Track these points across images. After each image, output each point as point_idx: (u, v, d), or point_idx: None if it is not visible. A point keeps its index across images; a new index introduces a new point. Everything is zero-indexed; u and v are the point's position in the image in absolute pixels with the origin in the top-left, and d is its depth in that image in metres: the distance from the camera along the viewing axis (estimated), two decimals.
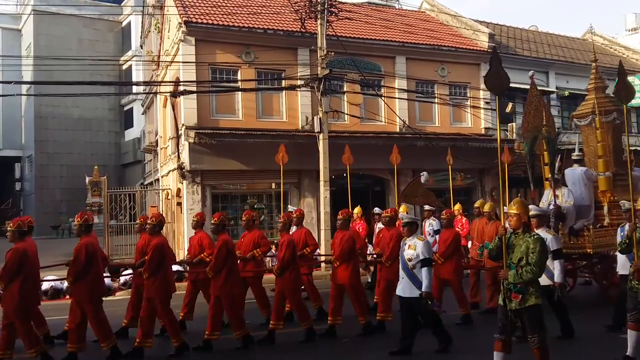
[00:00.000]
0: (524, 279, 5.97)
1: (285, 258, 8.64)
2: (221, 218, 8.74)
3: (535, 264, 5.97)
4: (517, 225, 6.22)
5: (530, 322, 6.06)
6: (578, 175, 11.35)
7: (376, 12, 24.63)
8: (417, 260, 7.57)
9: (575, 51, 28.09)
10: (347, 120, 19.75)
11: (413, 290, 7.56)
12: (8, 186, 44.08)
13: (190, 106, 18.26)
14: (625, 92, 7.37)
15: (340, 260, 9.07)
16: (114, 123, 43.43)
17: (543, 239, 6.18)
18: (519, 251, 6.10)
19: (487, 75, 6.55)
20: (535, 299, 6.03)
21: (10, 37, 43.92)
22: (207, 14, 19.24)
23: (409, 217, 8.07)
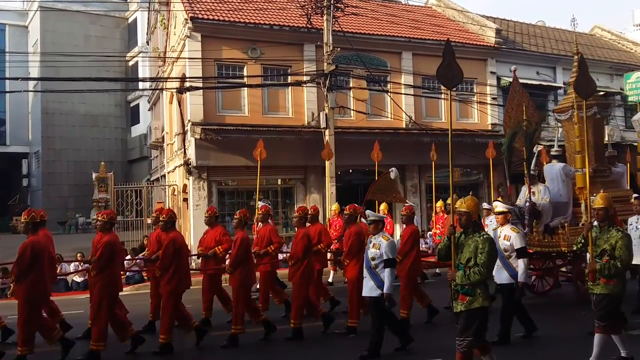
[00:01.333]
0: (471, 280, 5.75)
1: (237, 256, 8.49)
2: (170, 215, 8.50)
3: (483, 265, 5.74)
4: (467, 224, 5.99)
5: (468, 324, 5.78)
6: (556, 172, 11.09)
7: (382, 7, 24.55)
8: (381, 259, 7.31)
9: (583, 46, 27.91)
10: (353, 116, 19.71)
11: (374, 290, 7.31)
12: (15, 182, 44.27)
13: (197, 102, 18.27)
14: (586, 87, 7.13)
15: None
16: (120, 119, 43.55)
17: (492, 239, 5.97)
18: (467, 251, 5.87)
19: (439, 68, 6.29)
20: (482, 300, 5.80)
21: (17, 34, 44.07)
22: (213, 10, 19.22)
23: (375, 215, 7.76)
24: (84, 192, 38.26)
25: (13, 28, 44.21)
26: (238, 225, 8.90)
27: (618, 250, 6.44)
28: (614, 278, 6.49)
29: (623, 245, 6.43)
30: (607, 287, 6.50)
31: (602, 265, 6.47)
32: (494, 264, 5.99)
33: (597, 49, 28.36)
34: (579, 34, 30.65)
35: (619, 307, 6.61)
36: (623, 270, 6.51)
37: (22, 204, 41.48)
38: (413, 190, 21.18)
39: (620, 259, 6.43)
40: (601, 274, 6.49)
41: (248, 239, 8.77)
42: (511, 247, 7.91)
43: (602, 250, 6.57)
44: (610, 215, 6.73)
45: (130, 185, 22.49)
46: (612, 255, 6.45)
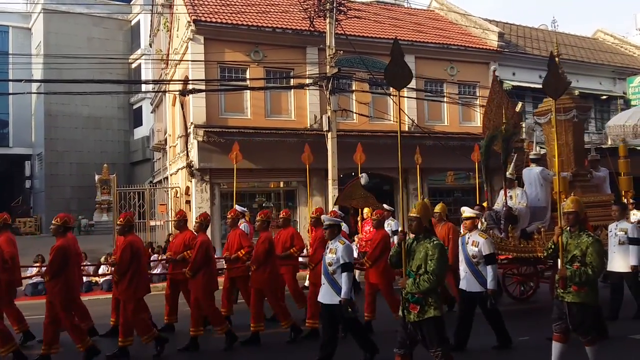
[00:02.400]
0: (421, 288, 5.54)
1: (197, 260, 8.34)
2: (127, 219, 8.24)
3: (433, 272, 5.53)
4: (417, 229, 5.80)
5: (430, 336, 5.62)
6: (534, 175, 10.84)
7: (385, 10, 24.58)
8: (337, 264, 7.00)
9: (585, 50, 27.93)
10: (356, 119, 19.73)
11: (333, 297, 6.98)
12: (18, 184, 44.31)
13: (199, 105, 18.30)
14: (555, 86, 6.84)
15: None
16: (123, 121, 43.59)
17: (443, 245, 5.77)
18: (418, 258, 5.67)
19: (387, 68, 6.10)
20: (434, 310, 5.59)
21: (20, 36, 44.13)
22: (216, 13, 19.26)
23: (330, 219, 7.45)
24: (87, 194, 38.33)
25: (16, 30, 44.28)
26: (199, 228, 8.76)
27: (589, 257, 6.17)
28: (586, 286, 6.20)
29: (594, 251, 6.16)
30: (578, 295, 6.22)
31: (573, 271, 6.19)
32: (444, 271, 5.75)
33: (600, 53, 28.34)
34: (582, 37, 30.67)
35: (598, 316, 6.42)
36: (594, 277, 6.22)
37: (25, 206, 41.55)
38: (415, 193, 21.16)
39: (592, 265, 6.15)
40: (572, 281, 6.21)
41: (209, 242, 8.64)
42: (480, 254, 7.68)
43: (572, 256, 6.31)
44: (581, 219, 6.51)
45: (133, 188, 22.51)
46: (583, 261, 6.19)
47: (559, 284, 6.37)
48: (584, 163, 11.38)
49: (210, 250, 8.63)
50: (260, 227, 9.06)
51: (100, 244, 22.68)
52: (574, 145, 11.21)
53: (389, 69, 6.09)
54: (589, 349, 6.35)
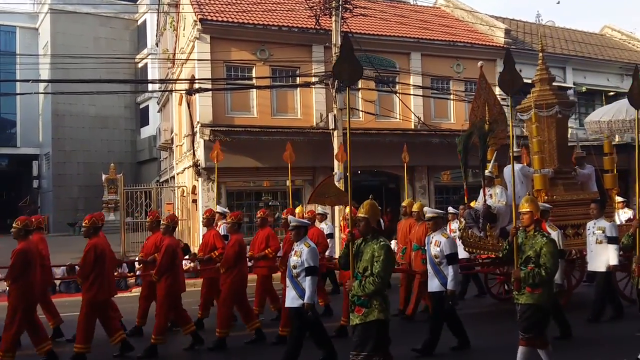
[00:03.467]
0: (366, 290, 5.41)
1: (162, 263, 8.18)
2: (92, 220, 8.08)
3: (378, 275, 5.39)
4: (365, 230, 5.67)
5: (363, 339, 5.45)
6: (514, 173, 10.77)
7: (391, 8, 24.51)
8: (302, 268, 6.81)
9: (593, 46, 27.77)
10: (362, 117, 19.70)
11: (296, 300, 6.83)
12: (26, 184, 44.51)
13: (206, 104, 18.32)
14: (511, 81, 6.68)
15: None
16: (130, 121, 43.67)
17: (390, 246, 5.63)
18: (364, 259, 5.53)
19: (336, 63, 5.98)
20: (378, 313, 5.44)
21: (27, 36, 44.29)
22: (222, 12, 19.28)
23: (297, 221, 7.34)
24: (94, 193, 38.38)
25: (23, 30, 44.44)
26: (166, 231, 8.57)
27: (543, 258, 6.06)
28: (539, 287, 6.10)
29: (548, 252, 6.05)
30: (532, 296, 6.12)
31: (527, 273, 6.08)
32: (389, 273, 5.62)
33: (607, 49, 28.17)
34: (589, 33, 30.50)
35: (546, 318, 6.27)
36: (548, 278, 6.11)
37: (32, 206, 41.69)
38: (422, 191, 21.13)
39: (545, 266, 6.04)
40: (525, 283, 6.11)
41: (174, 245, 8.46)
42: (442, 254, 7.59)
43: (526, 257, 6.20)
44: (536, 220, 6.39)
45: (140, 187, 22.56)
46: (537, 262, 6.08)
47: (513, 285, 6.31)
48: (567, 160, 11.18)
49: (177, 253, 8.45)
50: (230, 230, 8.86)
51: None
52: (557, 142, 11.05)
53: (338, 64, 5.99)
54: (542, 352, 6.22)
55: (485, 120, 10.80)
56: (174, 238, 8.59)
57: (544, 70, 11.61)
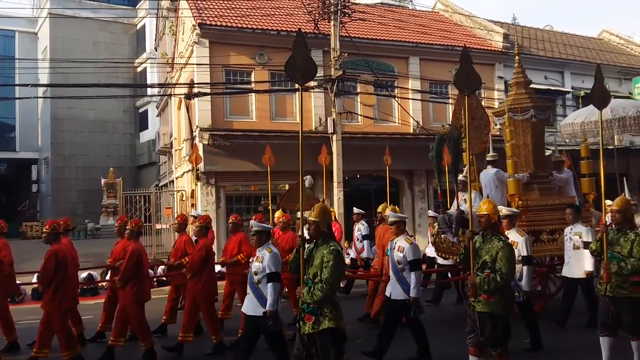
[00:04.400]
0: (315, 298, 5.17)
1: (127, 269, 7.90)
2: (53, 226, 7.83)
3: (326, 281, 5.15)
4: (315, 234, 5.45)
5: (324, 348, 5.23)
6: (489, 177, 10.36)
7: (389, 12, 24.58)
8: (264, 274, 6.46)
9: (591, 51, 27.86)
10: (361, 121, 19.73)
11: (257, 308, 6.45)
12: (25, 188, 44.52)
13: (205, 108, 18.35)
14: (468, 81, 6.46)
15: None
16: (129, 125, 43.75)
17: (340, 250, 5.38)
18: (315, 265, 5.29)
19: (288, 61, 5.75)
20: (329, 321, 5.19)
21: (27, 41, 44.40)
22: (221, 16, 19.32)
23: (258, 225, 7.04)
24: (93, 197, 38.44)
25: (23, 35, 44.55)
26: (131, 236, 8.28)
27: (498, 263, 5.80)
28: (495, 294, 5.84)
29: (503, 257, 5.80)
30: (487, 304, 5.87)
31: (482, 279, 5.83)
32: (338, 279, 5.34)
33: (606, 53, 28.26)
34: (587, 38, 30.59)
35: (505, 328, 5.98)
36: (503, 284, 5.84)
37: (31, 210, 41.70)
38: (421, 195, 21.15)
39: (500, 272, 5.78)
40: (480, 289, 5.84)
41: (140, 251, 8.15)
42: (404, 260, 7.22)
43: (483, 262, 5.95)
44: (493, 223, 6.17)
45: (139, 191, 22.55)
46: (494, 267, 5.84)
47: (470, 292, 6.03)
48: (544, 164, 10.97)
49: (143, 259, 8.16)
50: (198, 234, 8.59)
51: (106, 248, 22.49)
52: (532, 146, 10.82)
53: (290, 62, 5.71)
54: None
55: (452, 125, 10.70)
56: (140, 243, 8.29)
57: (520, 73, 11.37)
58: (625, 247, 6.32)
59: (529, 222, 9.88)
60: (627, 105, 11.85)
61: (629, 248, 6.29)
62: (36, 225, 38.26)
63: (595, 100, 7.11)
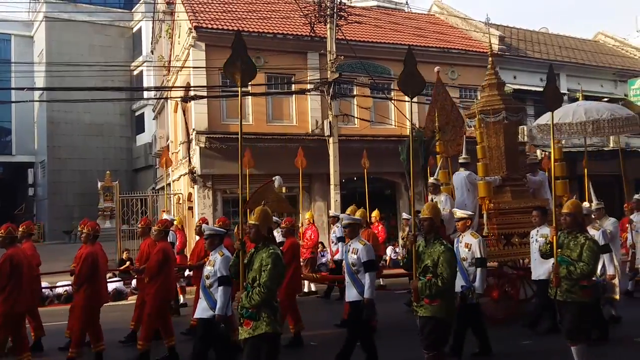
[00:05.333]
0: (252, 302, 5.08)
1: (81, 272, 7.81)
2: (8, 230, 7.71)
3: (264, 285, 5.07)
4: (256, 237, 5.38)
5: (251, 355, 5.14)
6: (461, 180, 10.28)
7: (385, 15, 24.65)
8: (215, 277, 6.46)
9: (587, 53, 27.95)
10: (357, 123, 19.75)
11: (207, 311, 6.47)
12: (21, 192, 44.44)
13: (201, 111, 18.35)
14: (412, 84, 6.39)
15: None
16: (125, 128, 43.68)
17: (279, 254, 5.30)
18: (254, 269, 5.22)
19: (227, 63, 5.78)
20: (266, 326, 5.10)
21: (22, 44, 44.31)
22: (217, 19, 19.34)
23: (211, 229, 7.03)
24: (90, 201, 38.30)
25: (18, 38, 44.47)
26: (86, 239, 8.16)
27: (440, 267, 5.79)
28: (437, 298, 5.80)
29: (445, 261, 5.78)
30: (429, 308, 5.83)
31: (423, 283, 5.80)
32: (277, 284, 5.26)
33: (601, 55, 28.36)
34: (583, 40, 30.69)
35: (447, 333, 5.97)
36: (444, 289, 5.79)
37: (27, 214, 41.59)
38: (418, 197, 21.12)
39: (442, 276, 5.76)
40: (422, 293, 5.80)
41: (95, 255, 8.00)
42: (358, 261, 7.04)
43: (425, 266, 5.91)
44: (436, 227, 6.11)
45: (136, 194, 22.53)
46: (435, 272, 5.81)
47: (412, 297, 6.01)
48: (517, 166, 10.87)
49: (98, 263, 8.00)
50: (157, 237, 8.43)
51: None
52: (505, 148, 10.73)
53: (229, 63, 5.67)
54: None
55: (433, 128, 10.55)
56: (96, 247, 8.16)
57: (493, 75, 11.34)
58: (575, 250, 6.24)
59: (500, 225, 9.80)
60: (601, 107, 11.76)
61: (578, 252, 6.21)
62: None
63: (548, 101, 6.98)
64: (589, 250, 6.15)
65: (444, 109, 11.20)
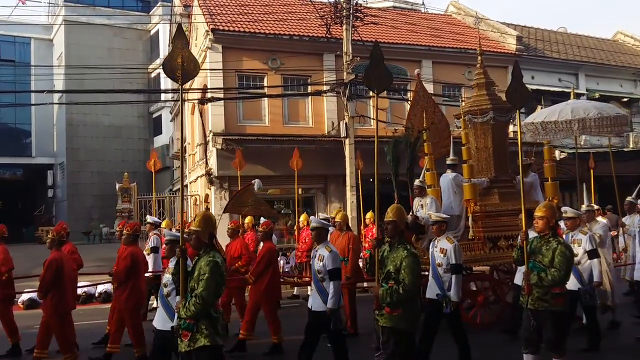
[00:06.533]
0: (189, 313, 4.80)
1: (45, 279, 7.54)
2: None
3: (200, 295, 4.76)
4: (197, 245, 5.10)
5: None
6: (447, 182, 9.97)
7: (402, 16, 24.57)
8: (173, 286, 6.07)
9: (605, 52, 27.65)
10: (373, 125, 19.71)
11: (166, 322, 6.06)
12: (41, 193, 44.97)
13: (218, 113, 18.44)
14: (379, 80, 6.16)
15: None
16: (143, 130, 44.04)
17: (217, 262, 4.89)
18: (193, 278, 4.93)
19: (164, 63, 5.51)
20: (204, 338, 4.82)
21: (42, 47, 44.86)
22: (234, 22, 19.42)
23: (171, 235, 6.76)
24: (108, 202, 38.68)
25: (38, 42, 45.02)
26: (51, 245, 7.93)
27: (402, 273, 5.40)
28: (399, 307, 5.44)
29: (407, 267, 5.40)
30: (391, 318, 5.48)
31: (385, 290, 5.44)
32: (214, 294, 4.88)
33: (620, 54, 28.03)
34: (602, 39, 30.35)
35: (412, 345, 5.59)
36: (406, 297, 5.42)
37: (47, 215, 42.09)
38: None
39: (403, 283, 5.38)
40: (383, 301, 5.45)
41: (60, 261, 7.74)
42: (324, 269, 6.58)
43: (387, 273, 5.55)
44: (400, 230, 5.73)
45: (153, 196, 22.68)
46: (397, 278, 5.45)
47: (374, 304, 5.61)
48: (506, 168, 10.57)
49: (63, 269, 7.73)
50: (125, 241, 8.15)
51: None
52: (493, 149, 10.43)
53: (169, 60, 5.39)
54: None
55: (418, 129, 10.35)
56: (60, 252, 7.91)
57: (482, 74, 11.05)
58: (547, 256, 5.88)
59: (485, 228, 9.57)
60: (589, 106, 11.38)
61: (550, 257, 5.85)
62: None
63: (512, 99, 6.73)
64: (560, 256, 5.78)
65: (426, 111, 10.98)
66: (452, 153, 10.45)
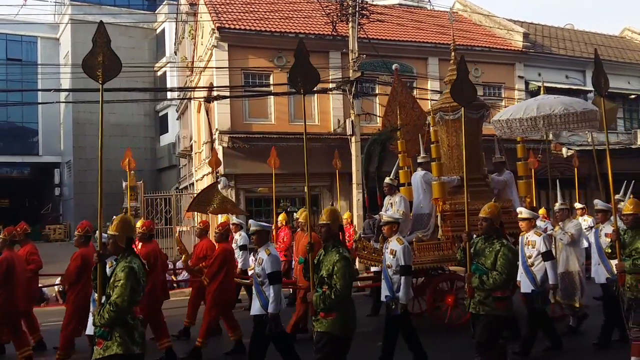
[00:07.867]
0: (102, 321, 4.61)
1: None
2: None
3: (114, 302, 4.57)
4: (114, 250, 4.96)
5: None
6: (417, 180, 9.83)
7: (408, 13, 24.51)
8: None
9: (613, 49, 27.50)
10: (380, 122, 19.69)
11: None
12: (48, 191, 45.11)
13: (224, 111, 18.45)
14: (304, 79, 5.91)
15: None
16: (149, 128, 44.08)
17: (133, 268, 4.77)
18: (110, 283, 4.73)
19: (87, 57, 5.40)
20: (117, 347, 4.60)
21: (48, 46, 44.97)
22: (240, 20, 19.42)
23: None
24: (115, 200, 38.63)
25: (44, 40, 45.12)
26: (2, 245, 7.91)
27: (334, 278, 5.26)
28: (333, 312, 5.29)
29: (339, 271, 5.24)
30: (324, 322, 5.31)
31: (318, 296, 5.32)
32: (129, 301, 4.65)
33: (628, 51, 27.87)
34: (609, 36, 30.19)
35: (343, 351, 5.38)
36: (338, 302, 5.27)
37: (54, 213, 42.23)
38: None
39: (335, 288, 5.24)
40: (317, 307, 5.32)
41: (10, 259, 7.71)
42: (263, 272, 6.44)
43: (321, 277, 5.40)
44: (334, 233, 5.58)
45: (160, 194, 22.74)
46: (330, 283, 5.31)
47: (310, 310, 5.52)
48: (479, 166, 10.33)
49: (13, 268, 7.69)
50: (77, 242, 8.11)
51: None
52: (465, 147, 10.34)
53: (88, 57, 5.31)
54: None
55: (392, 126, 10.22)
56: (11, 252, 7.89)
57: (454, 71, 10.98)
58: (490, 258, 5.76)
59: (454, 227, 9.36)
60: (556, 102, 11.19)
61: (492, 259, 5.73)
62: (59, 228, 38.81)
63: (457, 96, 6.56)
64: (503, 258, 5.65)
65: (404, 107, 10.86)
66: (423, 151, 10.30)
